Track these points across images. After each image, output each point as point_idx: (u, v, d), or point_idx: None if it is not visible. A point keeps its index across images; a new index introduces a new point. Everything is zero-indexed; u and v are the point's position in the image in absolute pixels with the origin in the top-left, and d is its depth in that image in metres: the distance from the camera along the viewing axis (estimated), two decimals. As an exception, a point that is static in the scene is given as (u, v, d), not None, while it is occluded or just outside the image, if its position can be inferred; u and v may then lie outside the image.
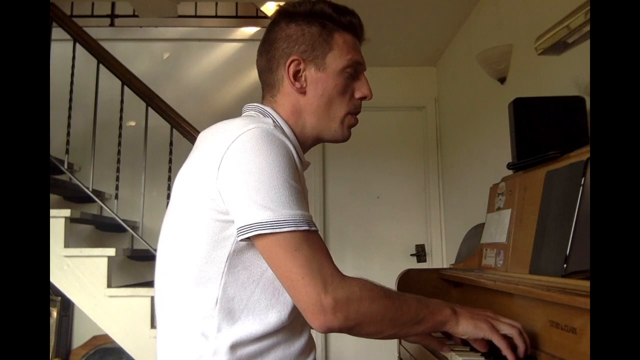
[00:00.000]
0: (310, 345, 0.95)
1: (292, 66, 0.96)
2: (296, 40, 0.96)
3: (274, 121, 0.94)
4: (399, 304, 0.87)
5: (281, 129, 0.93)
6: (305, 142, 1.00)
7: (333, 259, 0.84)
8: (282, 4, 1.06)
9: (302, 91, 0.96)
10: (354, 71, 0.99)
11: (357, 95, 1.00)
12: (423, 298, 0.92)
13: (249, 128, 0.84)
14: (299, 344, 0.91)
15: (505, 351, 0.89)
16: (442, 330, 0.91)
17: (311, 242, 0.82)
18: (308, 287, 0.79)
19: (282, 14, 1.00)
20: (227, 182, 0.82)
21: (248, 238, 0.82)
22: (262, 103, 1.02)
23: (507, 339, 0.91)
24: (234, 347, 0.84)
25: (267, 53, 1.00)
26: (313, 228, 0.83)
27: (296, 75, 0.96)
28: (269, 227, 0.79)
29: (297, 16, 0.97)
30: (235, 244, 0.85)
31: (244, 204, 0.81)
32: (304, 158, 1.00)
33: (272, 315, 0.87)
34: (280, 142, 0.85)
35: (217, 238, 0.85)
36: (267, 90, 1.02)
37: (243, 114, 1.01)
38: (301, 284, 0.79)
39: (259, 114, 0.97)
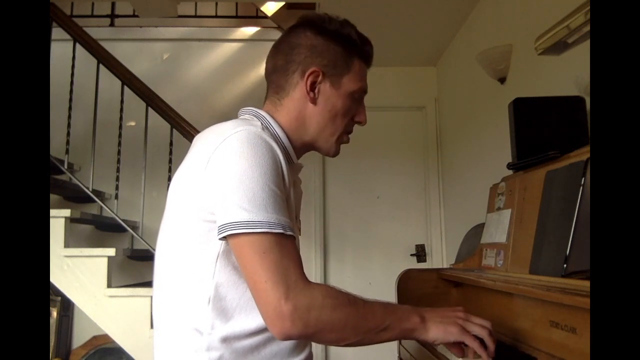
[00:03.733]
0: (305, 341, 0.95)
1: (312, 76, 0.98)
2: (321, 53, 0.99)
3: (262, 124, 0.96)
4: (364, 312, 0.87)
5: (269, 131, 0.95)
6: (300, 149, 1.03)
7: (332, 259, 0.85)
8: (281, 4, 1.07)
9: (313, 101, 0.99)
10: (360, 97, 1.04)
11: (357, 119, 1.05)
12: (392, 305, 0.92)
13: (237, 130, 0.87)
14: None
15: (479, 350, 0.90)
16: (412, 337, 0.91)
17: (282, 246, 0.82)
18: (269, 292, 0.79)
19: (310, 23, 1.02)
20: (211, 182, 0.84)
21: (225, 238, 0.83)
22: (264, 102, 1.04)
23: (479, 338, 0.91)
24: (228, 342, 0.86)
25: (287, 55, 1.01)
26: (288, 233, 0.83)
27: (312, 85, 0.99)
28: (242, 227, 0.80)
29: (326, 31, 1.00)
30: (224, 244, 0.86)
31: (223, 204, 0.83)
32: (295, 160, 1.02)
33: None
34: (266, 145, 0.86)
35: (205, 238, 0.87)
36: (274, 90, 1.03)
37: (239, 118, 1.02)
38: (263, 287, 0.80)
39: (253, 117, 0.99)
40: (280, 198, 0.85)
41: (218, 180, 0.84)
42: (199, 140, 0.95)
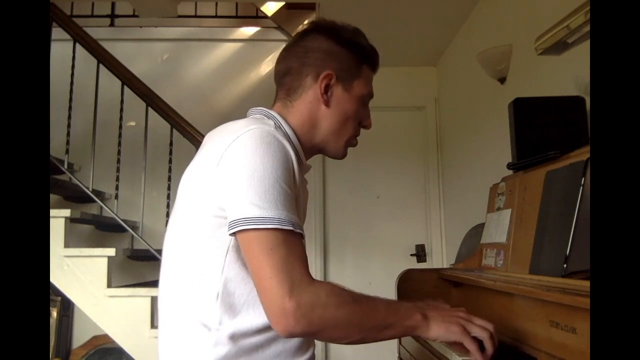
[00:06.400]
0: (308, 342, 0.96)
1: (326, 79, 1.01)
2: (335, 57, 1.02)
3: (275, 123, 0.97)
4: (367, 310, 0.87)
5: (282, 131, 0.96)
6: (309, 150, 1.04)
7: (332, 259, 0.85)
8: (281, 4, 1.07)
9: (327, 103, 1.02)
10: (367, 102, 1.08)
11: (364, 123, 1.08)
12: (394, 302, 0.93)
13: (250, 128, 0.88)
14: (297, 339, 0.92)
15: (475, 354, 0.89)
16: (414, 335, 0.92)
17: (290, 244, 0.82)
18: (274, 289, 0.79)
19: (324, 29, 1.05)
20: (224, 178, 0.85)
21: (235, 233, 0.84)
22: (273, 105, 1.06)
23: (478, 340, 0.90)
24: (235, 339, 0.86)
25: (301, 58, 1.03)
26: (297, 230, 0.84)
27: (326, 88, 1.01)
28: (252, 222, 0.81)
29: (340, 38, 1.04)
30: (234, 239, 0.87)
31: (235, 200, 0.83)
32: (305, 161, 1.04)
33: None
34: (279, 144, 0.87)
35: (215, 234, 0.87)
36: (285, 92, 1.04)
37: (248, 117, 1.03)
38: (268, 284, 0.80)
39: (263, 117, 1.01)
40: (290, 197, 0.86)
41: (230, 177, 0.84)
42: (211, 139, 0.95)
